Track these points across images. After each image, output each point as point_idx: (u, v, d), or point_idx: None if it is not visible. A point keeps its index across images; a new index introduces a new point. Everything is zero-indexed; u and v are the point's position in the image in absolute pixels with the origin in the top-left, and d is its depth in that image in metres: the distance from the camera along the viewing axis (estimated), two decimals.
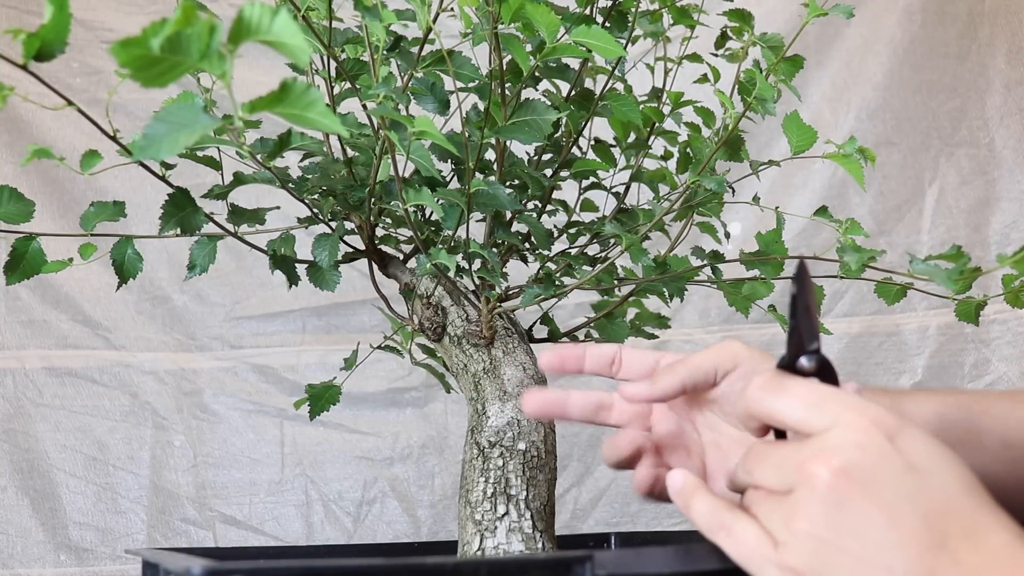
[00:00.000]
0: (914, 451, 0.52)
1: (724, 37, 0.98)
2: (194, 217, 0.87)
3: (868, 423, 0.52)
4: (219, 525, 1.61)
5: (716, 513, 0.57)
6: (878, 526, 0.51)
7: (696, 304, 1.69)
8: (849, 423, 0.53)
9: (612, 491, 1.66)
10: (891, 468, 0.51)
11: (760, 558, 0.54)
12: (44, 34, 0.59)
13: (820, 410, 0.54)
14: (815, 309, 0.59)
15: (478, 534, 0.83)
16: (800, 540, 0.52)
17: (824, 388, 0.55)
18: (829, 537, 0.51)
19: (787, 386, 0.56)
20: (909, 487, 0.51)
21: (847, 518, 0.51)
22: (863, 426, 0.52)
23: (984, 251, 1.69)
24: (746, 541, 0.55)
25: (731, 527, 0.56)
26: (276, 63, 1.06)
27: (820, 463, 0.52)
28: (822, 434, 0.53)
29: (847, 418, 0.53)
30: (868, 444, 0.52)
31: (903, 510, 0.51)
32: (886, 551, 0.50)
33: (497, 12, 0.77)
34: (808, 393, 0.55)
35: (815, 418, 0.54)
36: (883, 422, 0.53)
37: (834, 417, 0.53)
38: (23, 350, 1.61)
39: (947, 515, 0.51)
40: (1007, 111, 1.70)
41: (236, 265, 1.66)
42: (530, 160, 1.00)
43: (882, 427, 0.52)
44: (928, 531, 0.50)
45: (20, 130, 1.63)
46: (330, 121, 0.50)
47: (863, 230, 0.88)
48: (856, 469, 0.51)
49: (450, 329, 0.94)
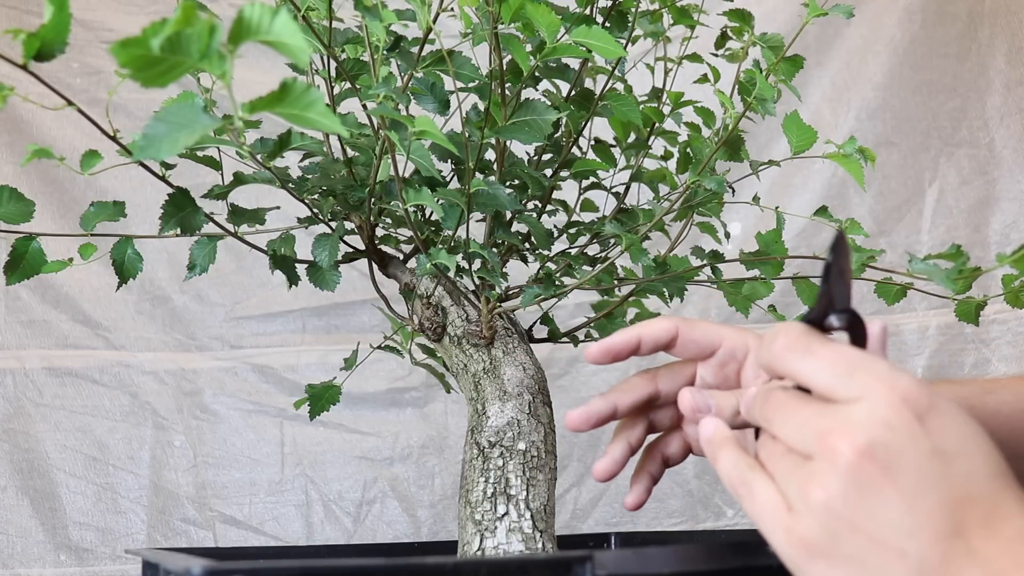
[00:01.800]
0: (942, 432, 0.50)
1: (724, 37, 0.98)
2: (194, 217, 0.87)
3: (898, 399, 0.50)
4: (219, 525, 1.61)
5: (739, 469, 0.56)
6: (896, 510, 0.50)
7: (696, 304, 1.69)
8: (878, 397, 0.51)
9: (612, 491, 1.66)
10: (917, 451, 0.50)
11: (772, 521, 0.53)
12: (44, 34, 0.59)
13: (848, 379, 0.52)
14: (850, 277, 0.57)
15: (478, 534, 0.83)
16: (814, 512, 0.51)
17: (853, 353, 0.53)
18: (844, 514, 0.50)
19: (814, 348, 0.54)
20: (933, 473, 0.50)
21: (865, 498, 0.50)
22: (892, 402, 0.50)
23: (984, 251, 1.69)
24: (763, 502, 0.53)
25: (751, 484, 0.54)
26: (276, 63, 1.06)
27: (844, 439, 0.50)
28: (848, 404, 0.51)
29: (877, 391, 0.51)
30: (896, 423, 0.50)
31: (924, 496, 0.50)
32: (901, 535, 0.50)
33: (497, 12, 0.77)
34: (837, 358, 0.53)
35: (842, 387, 0.52)
36: (914, 399, 0.51)
37: (863, 388, 0.51)
38: (23, 350, 1.61)
39: (968, 501, 0.50)
40: (1007, 111, 1.70)
41: (236, 265, 1.66)
42: (530, 160, 1.00)
43: (912, 404, 0.50)
44: (947, 518, 0.49)
45: (20, 130, 1.63)
46: (330, 121, 0.50)
47: (863, 230, 0.88)
48: (881, 450, 0.50)
49: (450, 329, 0.94)
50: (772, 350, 0.55)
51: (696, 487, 1.66)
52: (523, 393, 0.90)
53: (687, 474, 1.66)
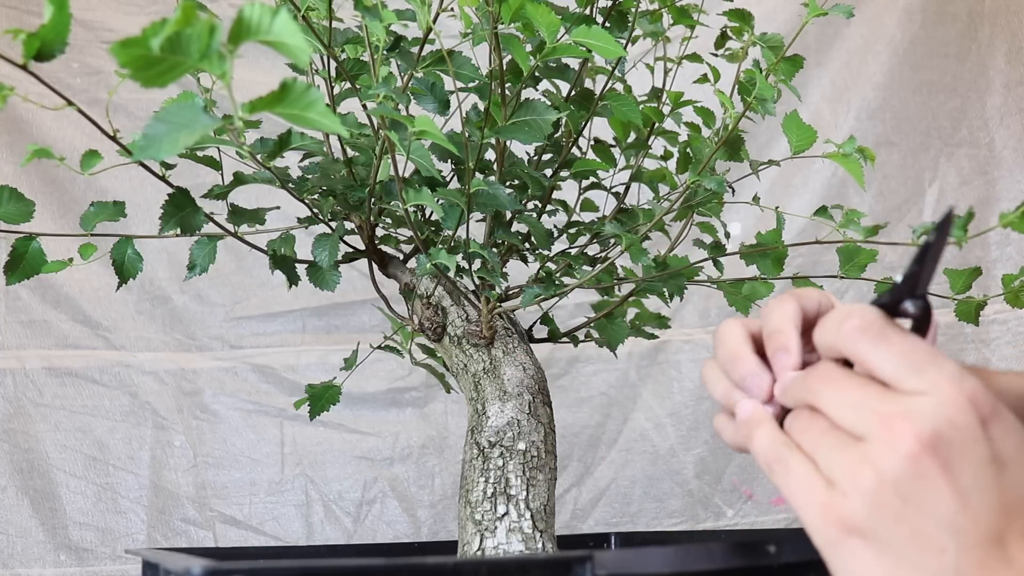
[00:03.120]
0: (1002, 441, 0.51)
1: (724, 37, 0.98)
2: (194, 217, 0.87)
3: (966, 401, 0.50)
4: (219, 525, 1.61)
5: (775, 446, 0.55)
6: (947, 508, 0.50)
7: (696, 304, 1.69)
8: (947, 396, 0.50)
9: (612, 491, 1.67)
10: (977, 455, 0.50)
11: (808, 496, 0.52)
12: (44, 34, 0.59)
13: (919, 373, 0.51)
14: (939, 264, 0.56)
15: (478, 534, 0.83)
16: (862, 495, 0.51)
17: (926, 348, 0.52)
18: (893, 502, 0.50)
19: (889, 336, 0.53)
20: (988, 478, 0.50)
21: (919, 491, 0.50)
22: (960, 403, 0.50)
23: (984, 251, 1.69)
24: (800, 476, 0.53)
25: (787, 461, 0.54)
26: (276, 63, 1.06)
27: (909, 427, 0.50)
28: (915, 396, 0.51)
29: (946, 389, 0.51)
30: (961, 423, 0.50)
31: (976, 499, 0.50)
32: (945, 533, 0.50)
33: (497, 12, 0.77)
34: (911, 350, 0.52)
35: (911, 379, 0.51)
36: (980, 403, 0.51)
37: (932, 384, 0.51)
38: (23, 350, 1.61)
39: (1014, 512, 0.50)
40: (1007, 111, 1.70)
41: (236, 265, 1.66)
42: (530, 160, 1.00)
43: (978, 408, 0.51)
44: (991, 524, 0.50)
45: (20, 130, 1.63)
46: (330, 121, 0.50)
47: (861, 226, 0.88)
48: (944, 446, 0.50)
49: (450, 329, 0.94)
50: (844, 330, 0.54)
51: (696, 487, 1.66)
52: (523, 393, 0.90)
53: (687, 474, 1.66)
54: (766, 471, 0.56)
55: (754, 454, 0.57)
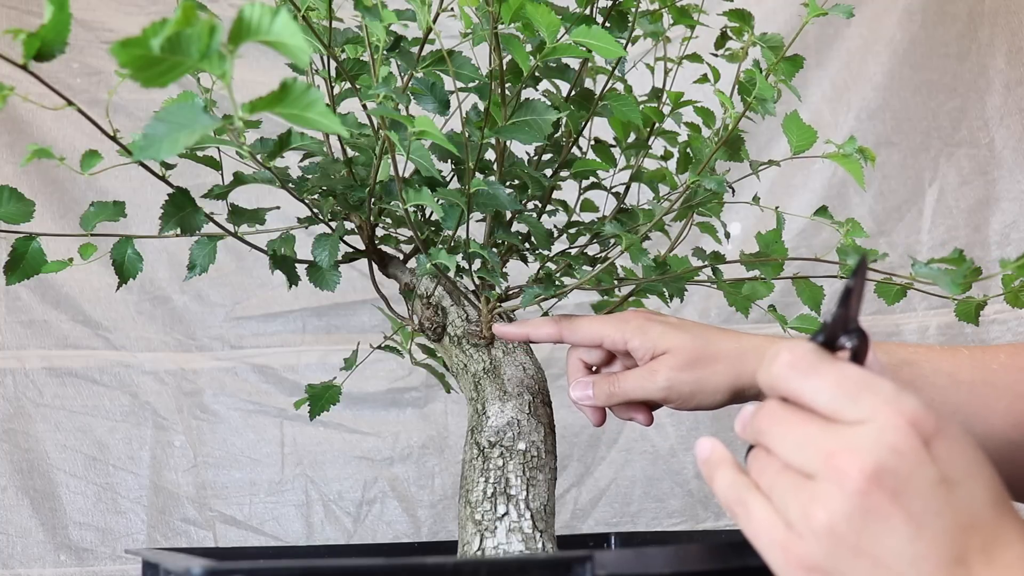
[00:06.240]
0: (948, 458, 0.50)
1: (724, 37, 0.98)
2: (194, 217, 0.87)
3: (905, 424, 0.50)
4: (219, 525, 1.61)
5: (736, 488, 0.55)
6: (901, 536, 0.50)
7: (696, 304, 1.69)
8: (886, 422, 0.50)
9: (612, 491, 1.67)
10: (924, 479, 0.50)
11: (769, 539, 0.53)
12: (44, 34, 0.59)
13: (855, 400, 0.51)
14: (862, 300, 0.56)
15: (478, 534, 0.83)
16: (816, 533, 0.51)
17: (859, 374, 0.52)
18: (848, 538, 0.50)
19: (819, 368, 0.53)
20: (939, 501, 0.50)
21: (871, 524, 0.50)
22: (900, 427, 0.50)
23: (984, 251, 1.68)
24: (759, 519, 0.53)
25: (747, 504, 0.54)
26: (276, 63, 1.06)
27: (852, 462, 0.50)
28: (854, 426, 0.51)
29: (884, 414, 0.50)
30: (903, 448, 0.50)
31: (929, 524, 0.49)
32: (904, 562, 0.50)
33: (497, 12, 0.77)
34: (843, 379, 0.52)
35: (848, 409, 0.51)
36: (921, 422, 0.50)
37: (869, 410, 0.51)
38: (23, 350, 1.61)
39: (970, 529, 0.50)
40: (1007, 111, 1.70)
41: (236, 265, 1.66)
42: (530, 160, 1.00)
43: (920, 429, 0.50)
44: (950, 545, 0.49)
45: (20, 130, 1.62)
46: (330, 121, 0.50)
47: (864, 231, 0.88)
48: (889, 476, 0.49)
49: (450, 329, 0.94)
50: (773, 369, 0.54)
51: (696, 487, 1.66)
52: (523, 393, 0.90)
53: (687, 474, 1.66)
54: (728, 513, 0.56)
55: (716, 495, 0.57)
